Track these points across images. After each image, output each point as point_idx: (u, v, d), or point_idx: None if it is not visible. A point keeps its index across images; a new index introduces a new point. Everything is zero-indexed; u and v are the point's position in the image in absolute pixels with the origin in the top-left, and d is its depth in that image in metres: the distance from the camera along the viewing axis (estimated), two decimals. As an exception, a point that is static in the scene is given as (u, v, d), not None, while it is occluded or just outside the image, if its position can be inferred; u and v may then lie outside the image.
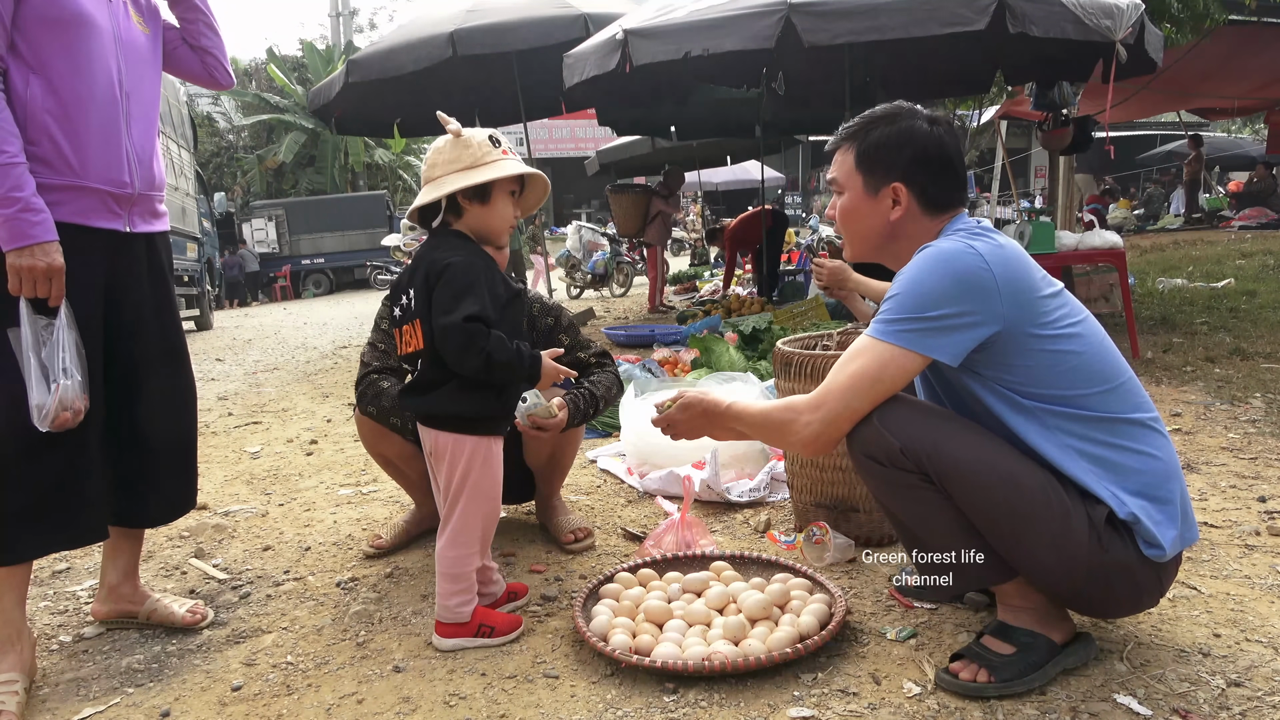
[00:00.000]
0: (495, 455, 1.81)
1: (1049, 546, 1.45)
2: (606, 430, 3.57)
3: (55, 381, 1.63)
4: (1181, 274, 7.72)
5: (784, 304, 6.39)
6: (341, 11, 28.93)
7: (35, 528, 1.72)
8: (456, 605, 1.81)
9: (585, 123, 21.55)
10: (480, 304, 1.67)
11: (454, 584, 1.80)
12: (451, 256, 1.71)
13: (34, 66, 1.67)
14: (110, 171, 1.77)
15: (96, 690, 1.76)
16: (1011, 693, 1.51)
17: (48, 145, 1.67)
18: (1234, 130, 21.94)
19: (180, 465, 1.99)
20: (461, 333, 1.65)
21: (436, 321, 1.68)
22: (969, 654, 1.58)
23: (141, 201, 1.87)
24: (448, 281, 1.68)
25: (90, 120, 1.72)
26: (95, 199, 1.76)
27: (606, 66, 4.97)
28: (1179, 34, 6.03)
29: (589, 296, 11.58)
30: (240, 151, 24.92)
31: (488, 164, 1.73)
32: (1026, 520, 1.45)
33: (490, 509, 1.84)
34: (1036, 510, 1.44)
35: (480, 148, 1.74)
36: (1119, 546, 1.45)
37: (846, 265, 3.52)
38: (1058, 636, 1.57)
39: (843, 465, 2.21)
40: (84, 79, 1.71)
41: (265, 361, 7.06)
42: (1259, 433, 3.08)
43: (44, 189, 1.65)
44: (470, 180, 1.71)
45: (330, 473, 3.31)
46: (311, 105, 7.98)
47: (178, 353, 1.98)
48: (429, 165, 1.76)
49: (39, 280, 1.63)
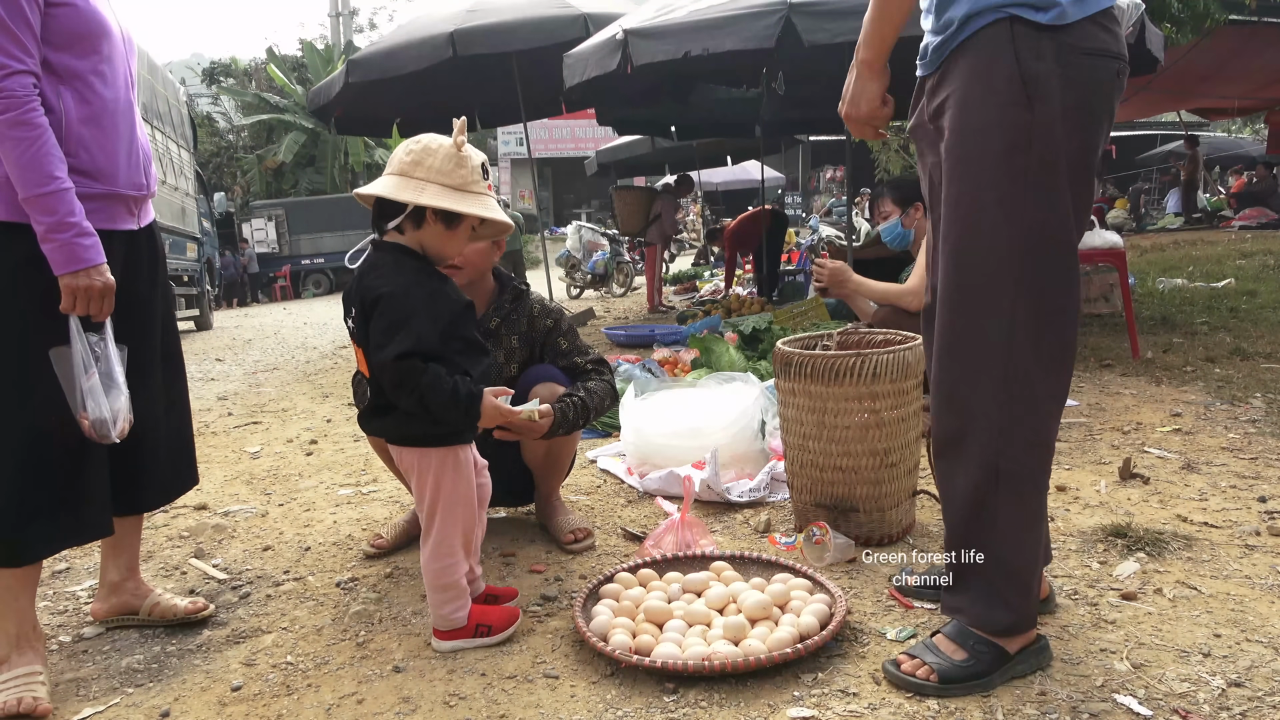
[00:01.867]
0: (463, 462, 1.76)
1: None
2: (606, 430, 3.56)
3: (122, 392, 1.68)
4: (1181, 274, 7.73)
5: (784, 304, 6.40)
6: (341, 11, 28.93)
7: (46, 527, 1.73)
8: (450, 613, 1.79)
9: (585, 123, 21.54)
10: (412, 339, 1.60)
11: (443, 593, 1.79)
12: (384, 286, 1.63)
13: (64, 79, 1.68)
14: (133, 175, 1.81)
15: (96, 690, 1.75)
16: (950, 695, 1.51)
17: (84, 156, 1.70)
18: (1234, 130, 21.95)
19: (180, 451, 2.02)
20: (394, 371, 1.61)
21: (372, 357, 1.65)
22: (919, 651, 1.58)
23: (149, 198, 1.92)
24: (381, 313, 1.62)
25: (116, 127, 1.76)
26: (122, 204, 1.80)
27: (607, 67, 4.97)
28: (1179, 34, 6.03)
29: (589, 296, 11.58)
30: (240, 151, 24.93)
31: (473, 193, 1.67)
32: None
33: (467, 515, 1.79)
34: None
35: (473, 172, 1.67)
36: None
37: (846, 266, 3.54)
38: (1012, 646, 1.56)
39: (843, 465, 2.21)
40: (109, 87, 1.75)
41: (265, 361, 7.05)
42: (1259, 433, 3.08)
43: (83, 197, 1.66)
44: (451, 204, 1.64)
45: (330, 473, 3.31)
46: (311, 105, 7.99)
47: (172, 343, 2.01)
48: (413, 161, 1.66)
49: (94, 299, 1.66)
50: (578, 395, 2.22)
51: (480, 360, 1.74)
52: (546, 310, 2.40)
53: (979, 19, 1.41)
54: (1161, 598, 1.87)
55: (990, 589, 1.55)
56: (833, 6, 4.39)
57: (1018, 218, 1.42)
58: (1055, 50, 1.36)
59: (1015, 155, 1.40)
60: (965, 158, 1.45)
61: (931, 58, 1.54)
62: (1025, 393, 1.47)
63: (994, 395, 1.47)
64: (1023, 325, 1.45)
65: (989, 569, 1.55)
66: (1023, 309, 1.45)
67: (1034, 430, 1.50)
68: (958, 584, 1.61)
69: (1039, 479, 1.53)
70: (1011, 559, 1.54)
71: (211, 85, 25.39)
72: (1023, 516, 1.52)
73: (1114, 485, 2.62)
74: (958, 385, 1.52)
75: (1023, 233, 1.43)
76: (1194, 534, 2.20)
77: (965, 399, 1.50)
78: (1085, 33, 1.37)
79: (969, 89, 1.43)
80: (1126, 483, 2.63)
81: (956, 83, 1.45)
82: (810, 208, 21.38)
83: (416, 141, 1.69)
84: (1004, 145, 1.40)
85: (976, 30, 1.41)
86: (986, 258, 1.46)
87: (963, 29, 1.43)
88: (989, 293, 1.46)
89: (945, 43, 1.48)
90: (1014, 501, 1.51)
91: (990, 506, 1.51)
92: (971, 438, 1.50)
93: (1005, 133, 1.40)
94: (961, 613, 1.60)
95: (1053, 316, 1.47)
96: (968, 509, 1.54)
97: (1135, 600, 1.87)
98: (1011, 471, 1.49)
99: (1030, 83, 1.36)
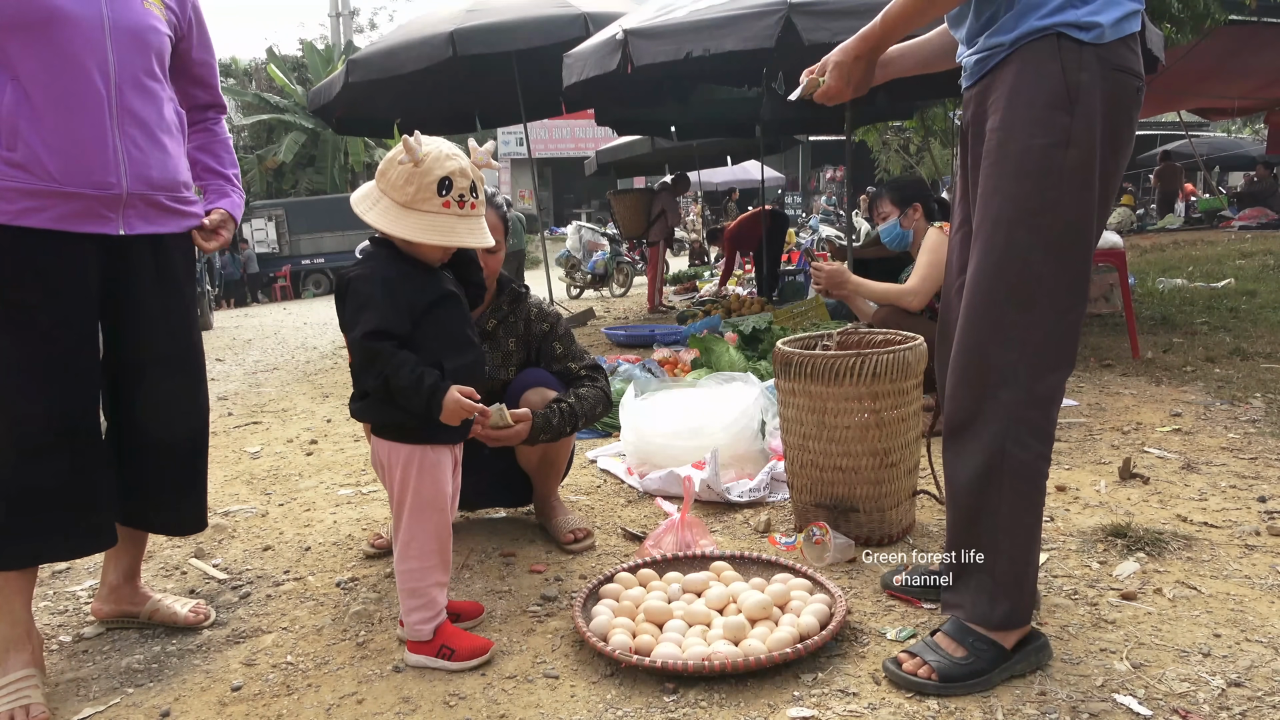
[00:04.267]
0: (437, 465, 1.72)
1: None
2: (606, 430, 3.56)
3: None
4: (1181, 274, 7.72)
5: (784, 304, 6.39)
6: (341, 11, 28.92)
7: (41, 532, 1.71)
8: (416, 623, 1.74)
9: (585, 123, 21.54)
10: (379, 318, 1.61)
11: (411, 599, 1.74)
12: (356, 270, 1.69)
13: (7, 71, 1.63)
14: (92, 174, 1.68)
15: (96, 690, 1.76)
16: (950, 694, 1.52)
17: (24, 150, 1.63)
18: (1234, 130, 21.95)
19: (189, 476, 1.96)
20: (360, 350, 1.63)
21: (346, 336, 1.68)
22: (919, 649, 1.60)
23: (139, 202, 1.77)
24: (350, 295, 1.67)
25: (69, 123, 1.66)
26: (78, 204, 1.69)
27: (607, 66, 4.97)
28: (1179, 34, 6.02)
29: (589, 296, 11.58)
30: (240, 151, 24.91)
31: (420, 211, 1.62)
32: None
33: (440, 520, 1.74)
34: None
35: (423, 190, 1.61)
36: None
37: (844, 268, 3.54)
38: (1008, 641, 1.58)
39: (842, 465, 2.21)
40: (61, 79, 1.65)
41: (265, 361, 7.05)
42: (1259, 433, 3.08)
43: (24, 194, 1.63)
44: (386, 224, 1.63)
45: (330, 473, 3.31)
46: (312, 105, 7.98)
47: (188, 357, 1.93)
48: (380, 171, 1.66)
49: None
50: (567, 402, 2.20)
51: (463, 354, 1.72)
52: (544, 314, 2.39)
53: (1028, 36, 1.51)
54: (1161, 598, 1.88)
55: (988, 581, 1.58)
56: (833, 6, 4.39)
57: (1051, 213, 1.50)
58: (1094, 64, 1.48)
59: (1055, 152, 1.49)
60: (1006, 154, 1.53)
61: (974, 69, 1.62)
62: (1037, 383, 1.53)
63: (1010, 382, 1.53)
64: (1041, 318, 1.52)
65: (988, 560, 1.58)
66: (1045, 302, 1.52)
67: (1042, 420, 1.55)
68: (958, 579, 1.63)
69: (1041, 469, 1.57)
70: (1009, 548, 1.56)
71: (211, 85, 25.37)
72: (1024, 505, 1.56)
73: (1114, 485, 2.62)
74: (975, 369, 1.57)
75: (1055, 227, 1.51)
76: (1194, 534, 2.20)
77: (982, 383, 1.55)
78: (1117, 52, 1.50)
79: (1015, 92, 1.52)
80: (1126, 483, 2.63)
81: (1003, 87, 1.54)
82: (810, 207, 21.40)
83: (395, 149, 1.66)
84: (1045, 142, 1.49)
85: (1025, 44, 1.51)
86: (1018, 249, 1.52)
87: (1012, 45, 1.53)
88: (1017, 283, 1.53)
89: (991, 56, 1.57)
90: (1016, 489, 1.54)
91: (994, 492, 1.55)
92: (983, 422, 1.55)
93: (1047, 131, 1.49)
94: (960, 609, 1.62)
95: (1067, 313, 1.54)
96: (972, 494, 1.58)
97: (1135, 600, 1.87)
98: (1017, 458, 1.53)
99: (1073, 89, 1.47)
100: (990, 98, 1.57)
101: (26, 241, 1.65)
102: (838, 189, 22.37)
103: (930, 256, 3.30)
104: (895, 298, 3.37)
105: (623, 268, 11.96)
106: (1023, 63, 1.51)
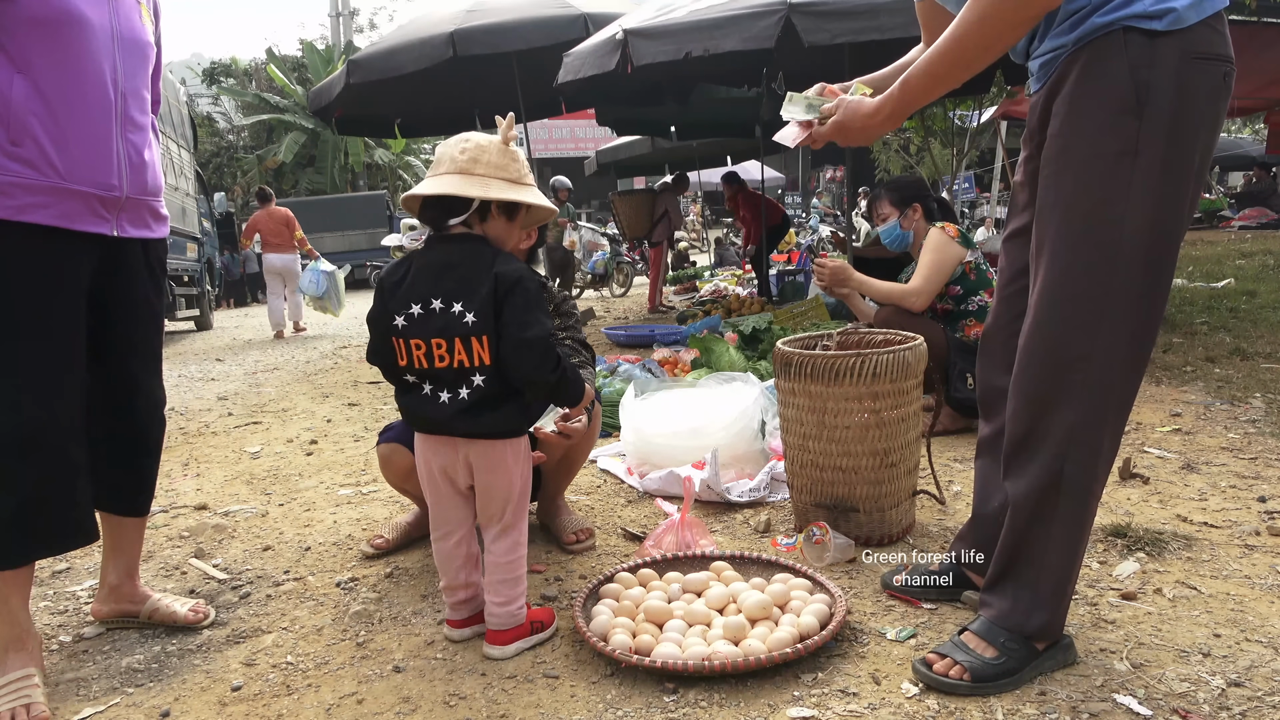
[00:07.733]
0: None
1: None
2: (606, 430, 3.56)
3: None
4: (1181, 274, 7.72)
5: (784, 304, 6.40)
6: (341, 11, 28.91)
7: (31, 530, 1.71)
8: (518, 609, 1.79)
9: (585, 123, 21.56)
10: (547, 317, 1.73)
11: (515, 588, 1.79)
12: (517, 268, 1.70)
13: (20, 66, 1.64)
14: (97, 174, 1.73)
15: (96, 690, 1.76)
16: (983, 694, 1.51)
17: (31, 146, 1.65)
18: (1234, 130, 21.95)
19: (154, 465, 2.03)
20: (547, 348, 1.69)
21: (520, 335, 1.66)
22: (948, 649, 1.59)
23: (132, 206, 1.83)
24: (524, 293, 1.67)
25: (78, 122, 1.69)
26: (80, 202, 1.72)
27: (606, 66, 4.98)
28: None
29: (589, 296, 11.58)
30: (240, 151, 24.91)
31: (525, 184, 1.76)
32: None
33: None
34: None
35: (523, 165, 1.76)
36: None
37: (847, 265, 3.54)
38: (1041, 644, 1.58)
39: (842, 465, 2.21)
40: (73, 79, 1.68)
41: (265, 361, 7.05)
42: (1259, 433, 3.08)
43: (27, 189, 1.64)
44: (516, 195, 1.71)
45: (330, 473, 3.31)
46: (312, 105, 8.00)
47: (159, 354, 2.01)
48: (470, 159, 1.70)
49: None
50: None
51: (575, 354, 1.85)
52: (550, 295, 2.42)
53: (1091, 33, 1.42)
54: (1161, 598, 1.88)
55: (1032, 592, 1.56)
56: (833, 7, 4.39)
57: (1124, 225, 1.41)
58: (1167, 57, 1.35)
59: (1124, 161, 1.39)
60: (1068, 164, 1.45)
61: (1039, 73, 1.55)
62: (1103, 401, 1.47)
63: (1075, 400, 1.47)
64: (1111, 332, 1.44)
65: (1033, 571, 1.56)
66: (1120, 317, 1.44)
67: (1109, 438, 1.50)
68: (999, 582, 1.61)
69: (1096, 490, 1.53)
70: (1058, 563, 1.54)
71: (211, 85, 25.35)
72: (1075, 523, 1.53)
73: (1114, 485, 2.62)
74: (1040, 385, 1.51)
75: (1120, 244, 1.41)
76: (1194, 534, 2.20)
77: (1043, 402, 1.50)
78: (1199, 36, 1.36)
79: (1078, 97, 1.43)
80: (1126, 483, 2.63)
81: (1066, 91, 1.45)
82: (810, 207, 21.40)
83: (467, 140, 1.73)
84: (1114, 150, 1.40)
85: (1088, 42, 1.42)
86: (1080, 269, 1.45)
87: (1075, 45, 1.44)
88: (1087, 298, 1.45)
89: (1055, 57, 1.49)
90: (1070, 508, 1.51)
91: (1049, 508, 1.52)
92: (1043, 440, 1.51)
93: (1115, 139, 1.39)
94: (994, 609, 1.60)
95: (1144, 326, 1.46)
96: (1029, 511, 1.54)
97: (1135, 600, 1.87)
98: (1074, 479, 1.49)
99: (1141, 90, 1.36)
100: (1054, 102, 1.48)
101: (26, 237, 1.66)
102: (836, 189, 22.36)
103: (932, 257, 3.30)
104: (898, 298, 3.36)
105: (623, 268, 11.97)
106: (1086, 64, 1.41)
